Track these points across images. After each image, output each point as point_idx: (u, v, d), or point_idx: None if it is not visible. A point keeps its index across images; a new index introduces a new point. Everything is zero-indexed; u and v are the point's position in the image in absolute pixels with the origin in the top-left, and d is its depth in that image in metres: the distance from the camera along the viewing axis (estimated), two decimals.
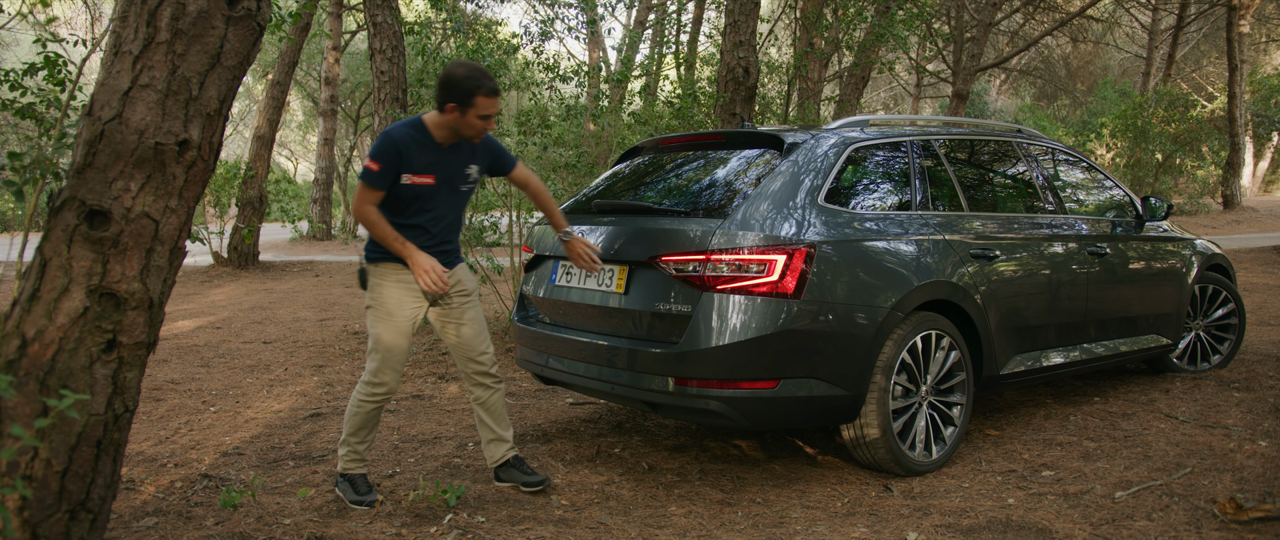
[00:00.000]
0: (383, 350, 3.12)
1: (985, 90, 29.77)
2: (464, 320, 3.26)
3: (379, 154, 2.97)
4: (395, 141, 2.97)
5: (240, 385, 5.30)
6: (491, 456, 3.37)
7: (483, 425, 3.36)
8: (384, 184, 2.99)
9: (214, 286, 10.90)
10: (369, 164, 2.98)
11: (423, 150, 3.02)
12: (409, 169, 3.01)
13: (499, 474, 3.37)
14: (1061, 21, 17.70)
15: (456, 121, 3.00)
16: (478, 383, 3.31)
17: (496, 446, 3.36)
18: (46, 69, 3.49)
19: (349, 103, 21.81)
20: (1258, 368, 4.94)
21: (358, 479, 3.24)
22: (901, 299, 3.32)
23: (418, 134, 3.02)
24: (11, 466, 2.09)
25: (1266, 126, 21.43)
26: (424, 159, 3.03)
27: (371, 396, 3.16)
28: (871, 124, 3.87)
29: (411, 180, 3.02)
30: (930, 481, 3.41)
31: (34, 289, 2.15)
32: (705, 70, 13.41)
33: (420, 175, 3.03)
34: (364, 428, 3.22)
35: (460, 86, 2.93)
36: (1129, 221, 4.70)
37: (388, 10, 6.86)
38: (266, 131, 12.62)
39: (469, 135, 3.05)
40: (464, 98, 2.94)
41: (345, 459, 3.24)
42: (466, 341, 3.27)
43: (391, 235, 3.01)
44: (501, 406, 3.36)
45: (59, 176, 2.67)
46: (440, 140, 3.06)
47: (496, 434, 3.36)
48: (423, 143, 3.03)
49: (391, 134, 2.99)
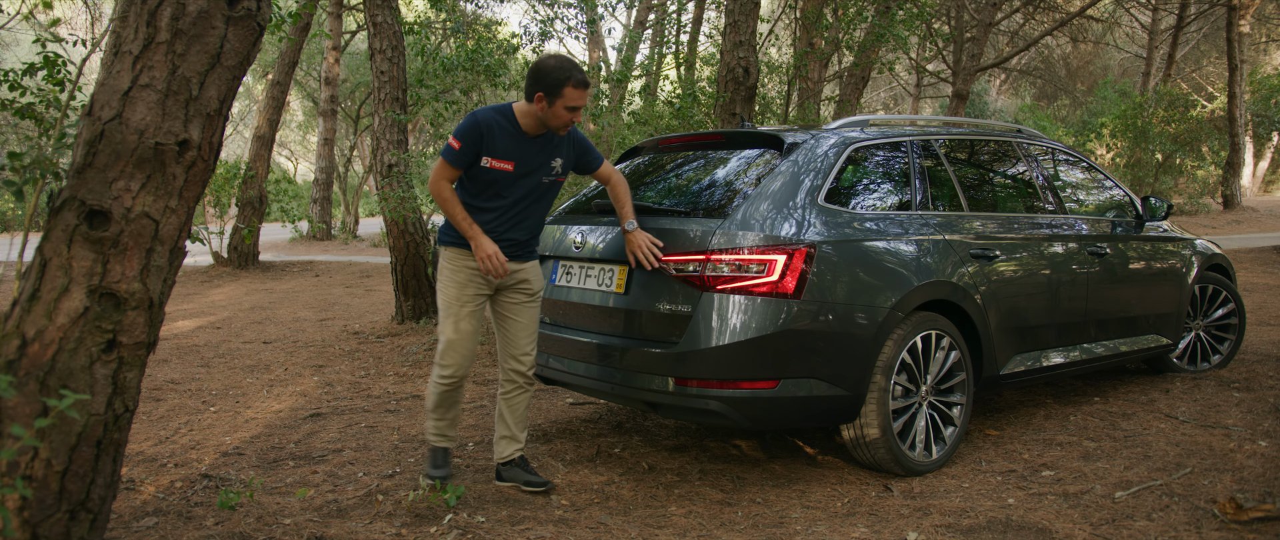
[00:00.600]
0: (449, 332, 3.19)
1: (985, 90, 29.77)
2: (519, 317, 3.30)
3: (462, 133, 3.00)
4: (480, 123, 3.00)
5: (240, 385, 5.30)
6: (500, 453, 3.39)
7: (500, 421, 3.38)
8: (462, 163, 3.02)
9: (214, 286, 10.90)
10: (451, 141, 3.02)
11: (506, 136, 3.04)
12: (490, 152, 3.02)
13: (501, 472, 3.38)
14: (1061, 21, 17.69)
15: (544, 112, 3.01)
16: (511, 379, 3.34)
17: (507, 445, 3.38)
18: (46, 69, 3.49)
19: (349, 103, 21.80)
20: (1258, 368, 4.94)
21: (437, 452, 3.36)
22: (901, 299, 3.32)
23: (504, 119, 3.04)
24: (11, 466, 2.09)
25: (1266, 126, 21.42)
26: (506, 144, 3.04)
27: (441, 379, 3.24)
28: (871, 124, 3.87)
29: (491, 164, 3.03)
30: (930, 481, 3.41)
31: (34, 289, 2.15)
32: (705, 70, 13.40)
33: (500, 160, 3.04)
34: (441, 406, 3.29)
35: (549, 76, 2.95)
36: (1129, 221, 4.70)
37: (388, 10, 6.86)
38: (266, 131, 12.62)
39: (556, 126, 3.06)
40: (553, 88, 2.95)
41: (430, 432, 3.36)
42: (514, 338, 3.30)
43: (461, 215, 3.05)
44: (525, 410, 3.40)
45: (59, 176, 2.67)
46: (526, 129, 3.07)
47: (511, 433, 3.38)
48: (507, 129, 3.04)
49: (477, 115, 3.02)
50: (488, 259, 3.04)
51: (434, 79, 6.58)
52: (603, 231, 3.50)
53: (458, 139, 3.00)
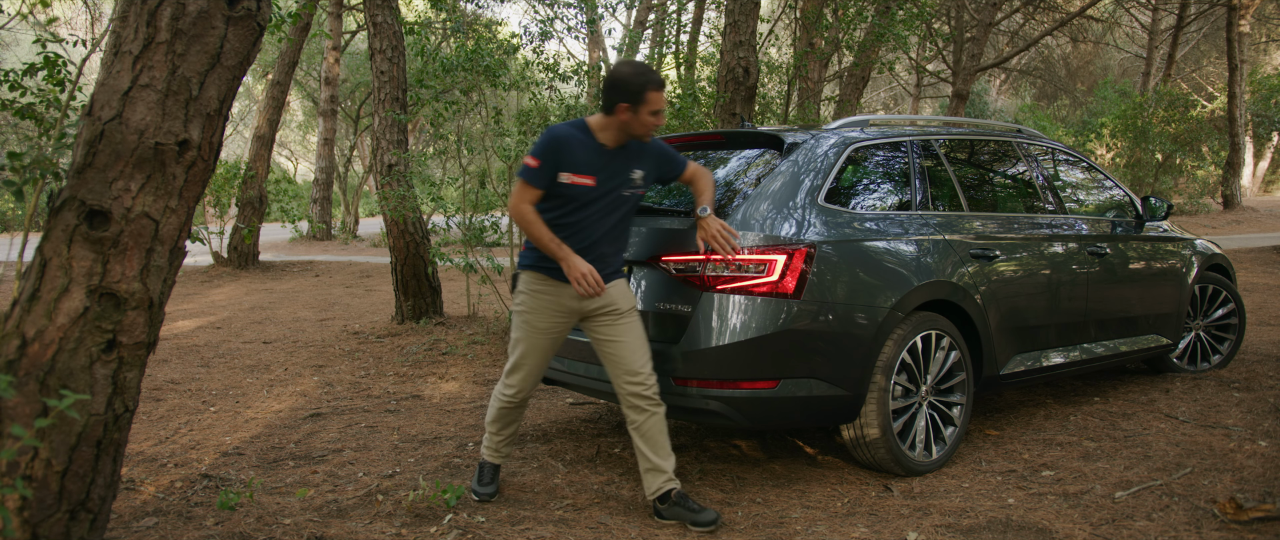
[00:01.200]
0: (519, 355, 3.14)
1: (985, 90, 29.77)
2: (620, 337, 3.04)
3: (539, 150, 2.89)
4: (557, 138, 2.90)
5: (240, 385, 5.30)
6: (649, 487, 3.06)
7: (639, 453, 3.07)
8: (542, 182, 2.90)
9: (214, 286, 10.91)
10: (528, 160, 2.91)
11: (584, 150, 2.93)
12: (568, 167, 2.91)
13: (658, 509, 3.06)
14: (1061, 21, 17.69)
15: (629, 122, 2.91)
16: (631, 404, 3.03)
17: (654, 477, 3.05)
18: (46, 69, 3.49)
19: (349, 103, 21.81)
20: (1258, 368, 4.94)
21: (486, 468, 3.34)
22: (901, 299, 3.32)
23: (581, 134, 2.94)
24: (11, 466, 2.09)
25: (1266, 126, 21.43)
26: (585, 159, 2.92)
27: (504, 395, 3.23)
28: (871, 124, 3.87)
29: (570, 180, 2.91)
30: (930, 481, 3.41)
31: (34, 289, 2.15)
32: (705, 70, 13.40)
33: (580, 175, 2.92)
34: (499, 420, 3.28)
35: (630, 84, 2.85)
36: (1129, 221, 4.70)
37: (388, 10, 6.86)
38: (266, 131, 12.62)
39: (640, 134, 2.96)
40: (635, 95, 2.86)
41: (485, 446, 3.36)
42: (622, 360, 3.02)
43: (548, 236, 2.92)
44: (661, 432, 3.05)
45: (59, 176, 2.67)
46: (604, 142, 2.96)
47: (653, 463, 3.04)
48: (585, 143, 2.93)
49: (553, 130, 2.92)
50: (583, 279, 2.90)
51: (434, 79, 6.58)
52: None
53: (535, 157, 2.89)
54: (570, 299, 3.03)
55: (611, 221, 3.02)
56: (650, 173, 3.11)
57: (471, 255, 6.68)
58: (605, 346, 3.06)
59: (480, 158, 7.16)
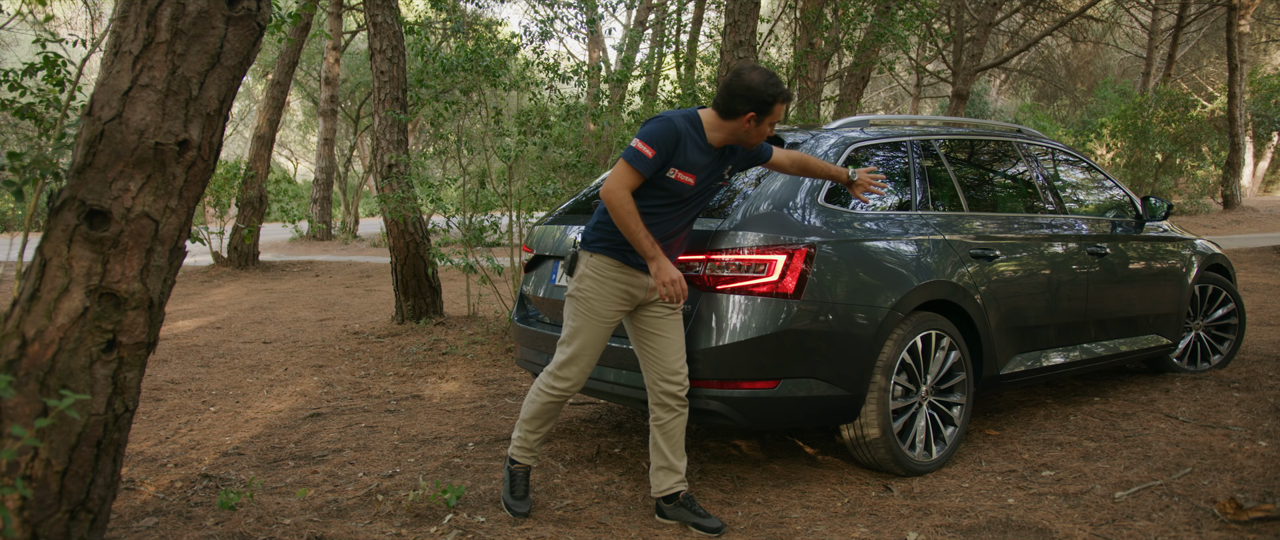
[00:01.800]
0: (577, 346, 2.97)
1: (985, 90, 29.77)
2: (666, 333, 2.99)
3: (657, 139, 2.74)
4: (678, 132, 2.77)
5: (240, 385, 5.30)
6: (658, 486, 3.04)
7: (655, 450, 3.03)
8: (650, 171, 2.77)
9: (214, 286, 10.91)
10: (641, 147, 2.74)
11: (696, 148, 2.84)
12: (679, 164, 2.81)
13: (663, 509, 3.05)
14: (1061, 21, 17.70)
15: (748, 131, 2.83)
16: (663, 403, 3.00)
17: (667, 476, 3.02)
18: (46, 69, 3.49)
19: (349, 103, 21.81)
20: (1258, 368, 4.94)
21: (519, 477, 3.13)
22: (901, 299, 3.32)
23: (695, 130, 2.83)
24: (11, 466, 2.09)
25: (1266, 126, 21.43)
26: (694, 157, 2.83)
27: (552, 389, 3.03)
28: (871, 124, 3.87)
29: (676, 176, 2.81)
30: (930, 481, 3.41)
31: (34, 289, 2.15)
32: (705, 70, 13.40)
33: (685, 172, 2.83)
34: (538, 418, 3.09)
35: (762, 94, 2.76)
36: (1129, 221, 4.70)
37: (388, 10, 6.85)
38: (266, 131, 12.63)
39: (752, 144, 2.91)
40: (765, 106, 2.78)
41: (516, 443, 3.15)
42: (663, 357, 2.98)
43: (643, 232, 2.77)
44: (681, 432, 3.04)
45: (59, 176, 2.66)
46: (712, 142, 2.88)
47: (669, 462, 3.01)
48: (697, 140, 2.84)
49: (675, 123, 2.78)
50: (673, 285, 2.79)
51: (434, 79, 6.58)
52: None
53: (651, 145, 2.74)
54: (639, 288, 2.94)
55: (690, 217, 2.97)
56: (737, 167, 3.07)
57: (471, 255, 6.68)
58: (649, 340, 2.99)
59: (480, 158, 7.16)
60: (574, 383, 3.01)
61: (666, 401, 3.00)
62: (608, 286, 2.93)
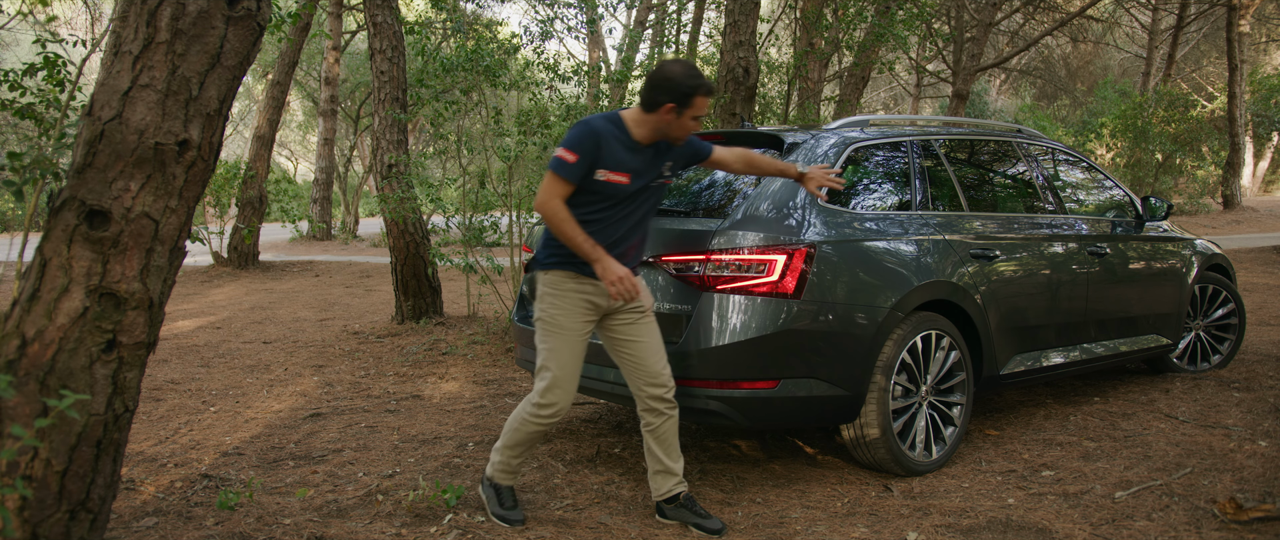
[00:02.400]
0: (555, 368, 2.88)
1: (985, 90, 29.77)
2: (642, 337, 2.96)
3: (576, 144, 2.73)
4: (596, 132, 2.76)
5: (240, 385, 5.30)
6: (657, 489, 3.04)
7: (650, 455, 3.02)
8: (576, 177, 2.75)
9: (214, 286, 10.91)
10: (563, 154, 2.73)
11: (621, 146, 2.82)
12: (606, 165, 2.78)
13: (664, 509, 3.05)
14: (1061, 21, 17.70)
15: (670, 124, 2.81)
16: (651, 408, 2.97)
17: (665, 479, 3.01)
18: (46, 69, 3.49)
19: (349, 103, 21.81)
20: (1258, 368, 4.94)
21: (505, 491, 3.07)
22: (901, 299, 3.32)
23: (617, 129, 2.82)
24: (11, 466, 2.09)
25: (1266, 126, 21.43)
26: (620, 156, 2.81)
27: (537, 418, 2.92)
28: (871, 124, 3.87)
29: (606, 177, 2.79)
30: (930, 481, 3.41)
31: (34, 289, 2.15)
32: (705, 70, 13.41)
33: (615, 172, 2.80)
34: (521, 445, 3.00)
35: (680, 86, 2.75)
36: (1129, 221, 4.70)
37: (388, 10, 6.85)
38: (266, 131, 12.63)
39: (676, 137, 2.87)
40: (684, 98, 2.76)
41: (496, 467, 3.06)
42: (644, 362, 2.95)
43: (582, 236, 2.75)
44: (674, 434, 3.01)
45: (59, 176, 2.67)
46: (639, 139, 2.85)
47: (665, 465, 3.00)
48: (621, 139, 2.82)
49: (592, 125, 2.78)
50: (620, 282, 2.74)
51: (434, 79, 6.58)
52: None
53: (571, 150, 2.73)
54: (600, 296, 2.91)
55: (637, 218, 2.92)
56: (678, 164, 3.04)
57: (471, 255, 6.68)
58: (624, 347, 2.97)
59: (480, 158, 7.16)
60: (560, 407, 2.92)
61: (655, 406, 2.96)
62: (568, 300, 2.89)
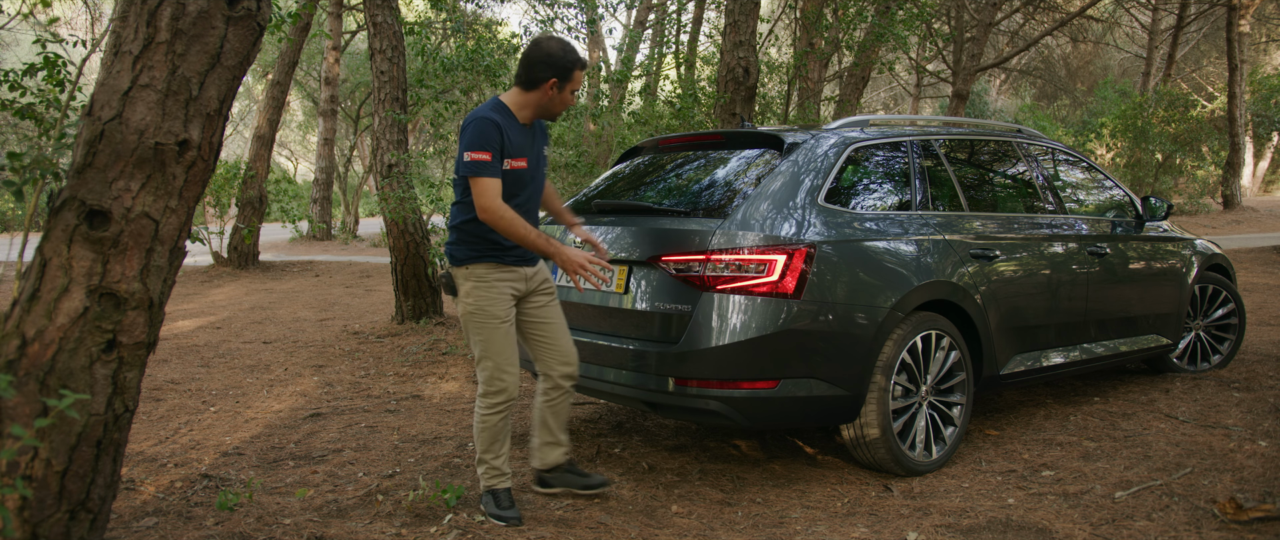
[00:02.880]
0: (494, 357, 2.96)
1: (985, 90, 29.77)
2: (552, 318, 3.12)
3: (485, 141, 2.76)
4: (495, 123, 2.80)
5: (240, 385, 5.30)
6: (545, 460, 3.21)
7: (543, 428, 3.18)
8: (498, 171, 2.78)
9: (214, 286, 10.91)
10: (478, 156, 2.76)
11: (515, 132, 2.88)
12: (509, 153, 2.83)
13: (548, 479, 3.22)
14: (1061, 21, 17.69)
15: (552, 99, 2.88)
16: (558, 385, 3.14)
17: (553, 450, 3.21)
18: (46, 69, 3.49)
19: (349, 103, 21.81)
20: (1258, 368, 4.94)
21: (501, 494, 3.07)
22: (901, 299, 3.32)
23: (505, 116, 2.86)
24: (11, 466, 2.09)
25: (1266, 126, 21.42)
26: (517, 141, 2.87)
27: (494, 408, 3.00)
28: (871, 124, 3.87)
29: (511, 165, 2.85)
30: (930, 481, 3.41)
31: (34, 289, 2.15)
32: (705, 70, 13.41)
33: (516, 158, 2.87)
34: (496, 442, 3.05)
35: (560, 61, 2.83)
36: (1129, 221, 4.70)
37: (388, 10, 6.86)
38: (266, 131, 12.63)
39: (556, 113, 2.95)
40: (565, 71, 2.84)
41: (485, 477, 3.08)
42: (555, 341, 3.12)
43: (534, 233, 2.80)
44: (568, 411, 3.23)
45: (59, 176, 2.66)
46: (523, 121, 2.92)
47: (557, 437, 3.20)
48: (512, 125, 2.87)
49: (488, 118, 2.80)
50: (583, 265, 2.81)
51: (434, 79, 6.58)
52: (603, 231, 3.50)
53: (483, 149, 2.76)
54: (520, 280, 3.01)
55: (535, 202, 3.02)
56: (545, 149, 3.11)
57: None
58: (538, 328, 3.11)
59: None
60: (509, 392, 2.99)
61: (562, 384, 3.15)
62: (495, 290, 2.96)
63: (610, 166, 4.59)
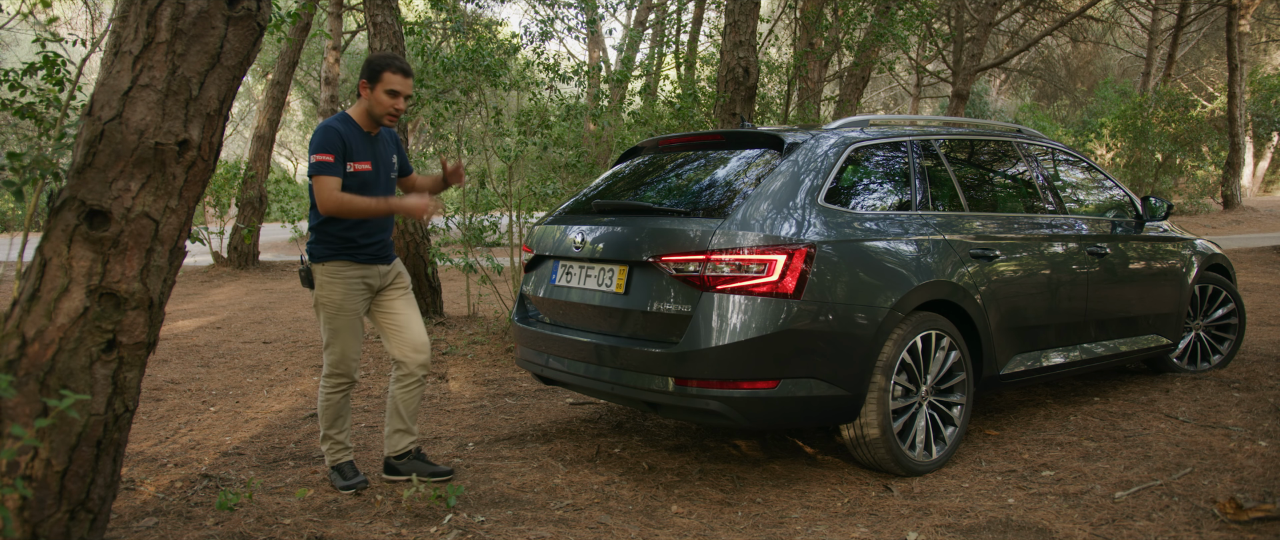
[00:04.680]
0: (341, 343, 3.29)
1: (985, 90, 29.77)
2: (407, 311, 3.42)
3: (325, 145, 3.11)
4: (336, 131, 3.15)
5: (240, 385, 5.30)
6: (395, 447, 3.44)
7: (395, 415, 3.44)
8: (339, 171, 3.13)
9: (214, 286, 10.90)
10: (319, 157, 3.11)
11: (357, 139, 3.22)
12: (351, 157, 3.18)
13: (396, 466, 3.44)
14: (1061, 21, 17.69)
15: (373, 101, 3.21)
16: (411, 373, 3.40)
17: (403, 437, 3.46)
18: (46, 69, 3.49)
19: (349, 103, 21.81)
20: (1258, 368, 4.94)
21: (345, 466, 3.40)
22: (901, 299, 3.32)
23: (348, 125, 3.21)
24: (11, 466, 2.09)
25: (1266, 126, 21.42)
26: (360, 147, 3.22)
27: (336, 388, 3.35)
28: (871, 124, 3.87)
29: (354, 167, 3.19)
30: (930, 481, 3.41)
31: (34, 289, 2.15)
32: (705, 70, 13.41)
33: (360, 162, 3.21)
34: (340, 419, 3.39)
35: (371, 63, 3.21)
36: (1129, 221, 4.70)
37: (388, 10, 6.85)
38: (266, 131, 12.63)
39: (380, 113, 3.23)
40: (373, 73, 3.19)
41: (330, 453, 3.40)
42: (409, 332, 3.40)
43: (371, 201, 3.15)
44: (419, 401, 3.49)
45: (59, 176, 2.67)
46: (367, 130, 3.27)
47: (407, 425, 3.45)
48: (355, 132, 3.22)
49: (330, 125, 3.17)
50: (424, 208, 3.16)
51: (434, 79, 6.57)
52: (603, 231, 3.50)
53: (325, 152, 3.11)
54: (374, 276, 3.33)
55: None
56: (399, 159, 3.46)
57: (471, 255, 6.68)
58: (394, 319, 3.39)
59: (480, 158, 7.16)
60: (350, 378, 3.35)
61: (417, 373, 3.40)
62: (348, 285, 3.27)
63: (610, 166, 4.59)
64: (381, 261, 3.35)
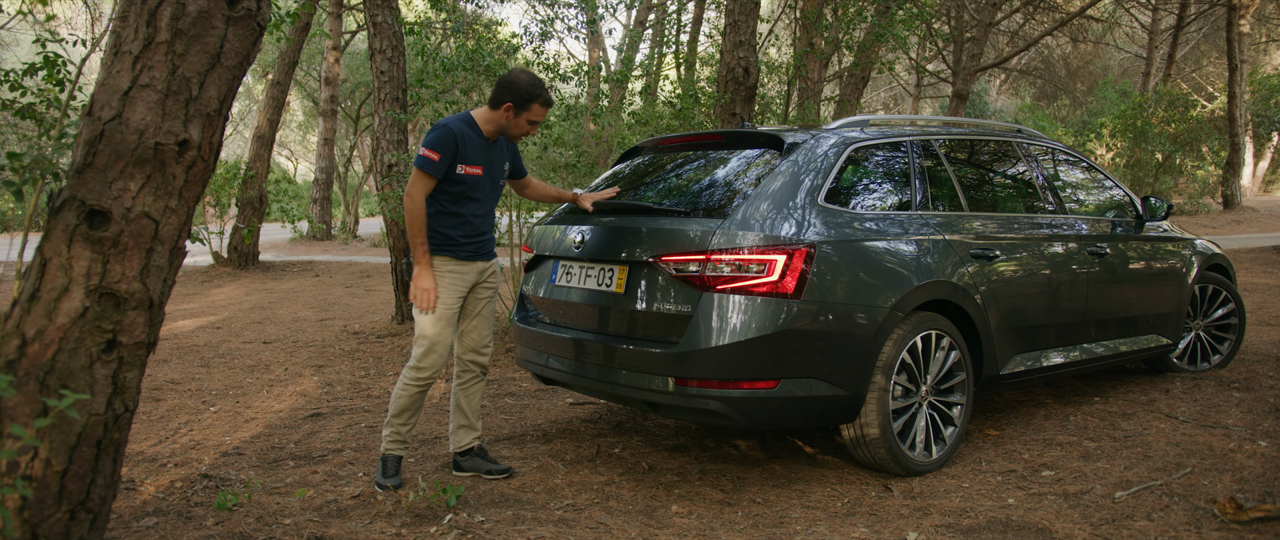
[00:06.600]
0: (429, 338, 3.32)
1: (985, 90, 29.76)
2: (484, 312, 3.52)
3: (438, 144, 3.19)
4: (453, 132, 3.22)
5: (240, 385, 5.30)
6: (461, 442, 3.55)
7: (458, 411, 3.55)
8: (440, 172, 3.21)
9: (214, 286, 10.90)
10: (428, 153, 3.19)
11: (474, 143, 3.29)
12: (463, 159, 3.25)
13: (461, 462, 3.55)
14: (1061, 21, 17.69)
15: (509, 122, 3.30)
16: (471, 370, 3.54)
17: (467, 434, 3.56)
18: (46, 69, 3.49)
19: (349, 103, 21.80)
20: (1258, 368, 4.94)
21: (389, 460, 3.42)
22: (901, 299, 3.32)
23: (469, 128, 3.29)
24: (11, 466, 2.09)
25: (1266, 126, 21.42)
26: (474, 151, 3.29)
27: (416, 381, 3.35)
28: (871, 124, 3.87)
29: (464, 170, 3.27)
30: (930, 481, 3.41)
31: (34, 289, 2.15)
32: (705, 70, 13.40)
33: (471, 166, 3.28)
34: (407, 410, 3.40)
35: (521, 91, 3.25)
36: (1129, 221, 4.70)
37: (388, 10, 6.85)
38: (266, 131, 12.63)
39: (515, 135, 3.38)
40: (522, 100, 3.26)
41: (387, 441, 3.42)
42: (478, 332, 3.51)
43: (422, 237, 3.24)
44: (481, 398, 3.60)
45: (59, 176, 2.67)
46: (487, 135, 3.34)
47: (470, 422, 3.55)
48: (473, 136, 3.29)
49: (449, 125, 3.23)
50: (423, 292, 3.26)
51: (434, 79, 6.58)
52: (603, 231, 3.50)
53: (434, 150, 3.19)
54: (471, 273, 3.39)
55: (490, 206, 3.44)
56: (511, 164, 3.55)
57: None
58: (472, 318, 3.49)
59: None
60: (434, 372, 3.37)
61: (476, 371, 3.55)
62: (445, 280, 3.33)
63: (610, 166, 4.59)
64: (481, 259, 3.43)
